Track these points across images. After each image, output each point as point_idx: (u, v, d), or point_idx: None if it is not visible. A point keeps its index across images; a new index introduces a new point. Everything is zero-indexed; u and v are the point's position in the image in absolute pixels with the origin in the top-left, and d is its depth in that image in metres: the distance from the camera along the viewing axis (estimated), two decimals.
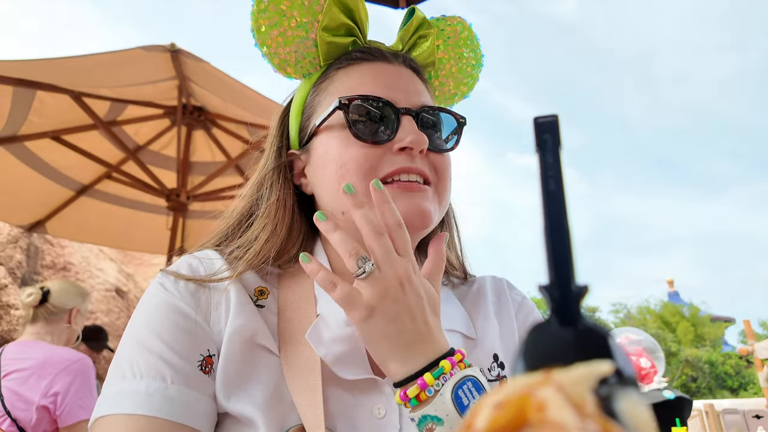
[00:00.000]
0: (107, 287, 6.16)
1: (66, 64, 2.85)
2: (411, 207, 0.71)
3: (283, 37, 0.79)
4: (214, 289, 0.72)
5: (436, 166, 0.77)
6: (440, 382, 0.59)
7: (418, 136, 0.73)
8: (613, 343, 0.21)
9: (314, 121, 0.80)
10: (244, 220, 0.81)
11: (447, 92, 0.93)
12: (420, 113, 0.77)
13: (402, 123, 0.74)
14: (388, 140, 0.74)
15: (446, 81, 0.92)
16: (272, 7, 0.78)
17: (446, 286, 0.88)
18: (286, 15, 0.79)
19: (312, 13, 0.79)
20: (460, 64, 0.91)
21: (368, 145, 0.73)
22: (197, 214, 3.94)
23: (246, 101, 3.07)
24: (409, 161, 0.73)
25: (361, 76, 0.79)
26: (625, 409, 0.18)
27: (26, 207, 3.71)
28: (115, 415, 0.61)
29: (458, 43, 0.90)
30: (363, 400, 0.69)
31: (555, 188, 0.28)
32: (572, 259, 0.24)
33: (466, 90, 0.94)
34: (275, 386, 0.67)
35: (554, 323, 0.23)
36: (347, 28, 0.81)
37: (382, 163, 0.73)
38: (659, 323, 30.56)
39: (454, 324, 0.80)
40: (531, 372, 0.20)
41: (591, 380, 0.18)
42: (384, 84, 0.77)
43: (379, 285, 0.61)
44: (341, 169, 0.73)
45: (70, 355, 2.31)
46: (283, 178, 0.81)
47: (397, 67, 0.81)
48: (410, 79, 0.81)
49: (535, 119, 0.33)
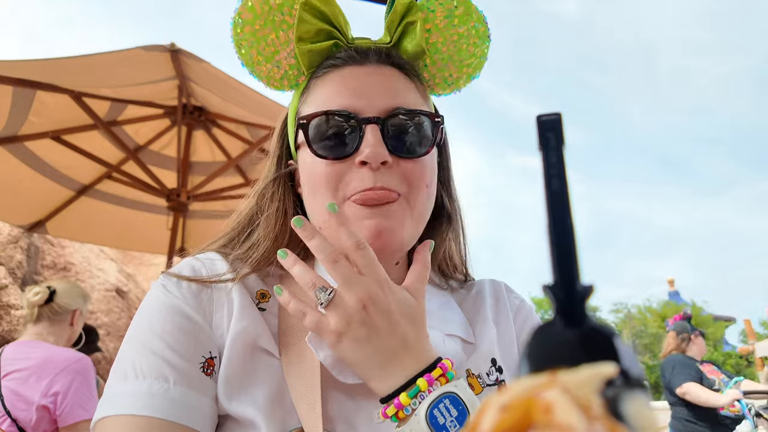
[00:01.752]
0: (107, 287, 6.16)
1: (66, 64, 2.84)
2: (372, 228, 0.70)
3: (262, 55, 0.80)
4: (216, 292, 0.73)
5: (407, 174, 0.73)
6: (416, 401, 0.60)
7: (374, 149, 0.69)
8: (619, 344, 0.21)
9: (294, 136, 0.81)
10: (246, 226, 0.82)
11: (448, 78, 0.85)
12: (387, 120, 0.72)
13: (365, 134, 0.71)
14: (353, 153, 0.72)
15: (445, 66, 0.83)
16: (247, 29, 0.78)
17: (445, 291, 0.88)
18: (260, 34, 0.78)
19: (287, 25, 0.78)
20: (458, 44, 0.82)
21: (331, 161, 0.73)
22: (197, 214, 3.94)
23: (246, 101, 3.06)
24: (373, 178, 0.70)
25: (331, 86, 0.76)
26: (632, 411, 0.18)
27: (27, 207, 3.71)
28: (118, 416, 0.61)
29: (452, 22, 0.80)
30: (362, 404, 0.69)
31: (558, 188, 0.27)
32: (577, 259, 0.24)
33: (471, 71, 0.85)
34: (276, 389, 0.67)
35: (559, 324, 0.22)
36: (326, 33, 0.79)
37: (347, 179, 0.72)
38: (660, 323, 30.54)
39: (452, 328, 0.80)
40: (536, 373, 0.20)
41: (597, 382, 0.18)
42: (350, 91, 0.74)
43: (340, 311, 0.63)
44: (312, 187, 0.75)
45: (71, 355, 2.31)
46: (284, 188, 0.82)
47: (368, 69, 0.77)
48: (382, 79, 0.76)
49: (538, 117, 0.32)
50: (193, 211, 3.82)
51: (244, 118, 3.30)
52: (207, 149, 3.78)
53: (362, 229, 0.70)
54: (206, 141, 3.72)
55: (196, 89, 3.22)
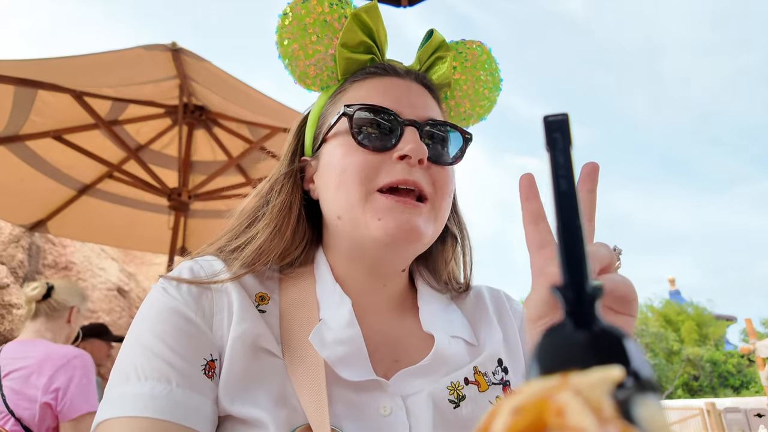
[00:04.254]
0: (109, 286, 6.16)
1: (67, 64, 2.84)
2: (402, 222, 0.72)
3: (303, 51, 0.83)
4: (216, 295, 0.73)
5: (435, 179, 0.77)
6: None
7: (417, 146, 0.74)
8: (629, 345, 0.21)
9: (324, 130, 0.82)
10: (249, 224, 0.82)
11: (462, 113, 0.94)
12: (424, 126, 0.78)
13: (405, 134, 0.76)
14: (390, 149, 0.75)
15: (462, 102, 0.93)
16: (296, 23, 0.82)
17: (445, 295, 0.89)
18: (308, 31, 0.82)
19: (333, 29, 0.83)
20: (477, 86, 0.92)
21: (369, 151, 0.75)
22: (199, 213, 3.94)
23: (247, 100, 3.06)
24: (407, 172, 0.74)
25: (371, 89, 0.81)
26: (644, 414, 0.18)
27: (28, 206, 3.72)
28: (120, 418, 0.61)
29: (476, 65, 0.92)
30: (368, 400, 0.70)
31: (567, 188, 0.27)
32: (585, 259, 0.24)
33: (482, 112, 0.95)
34: (280, 388, 0.67)
35: (569, 325, 0.22)
36: (366, 46, 0.84)
37: (380, 171, 0.74)
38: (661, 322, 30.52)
39: (456, 331, 0.82)
40: (547, 375, 0.20)
41: (608, 384, 0.18)
42: (392, 96, 0.79)
43: None
44: (342, 175, 0.75)
45: (69, 351, 2.32)
46: (293, 183, 0.83)
47: (407, 83, 0.83)
48: (419, 94, 0.82)
49: (545, 118, 0.32)
50: (195, 211, 3.82)
51: (245, 118, 3.30)
52: (208, 148, 3.78)
53: (394, 221, 0.72)
54: (207, 140, 3.72)
55: (197, 88, 3.22)
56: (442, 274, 0.90)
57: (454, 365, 0.76)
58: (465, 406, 0.73)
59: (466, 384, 0.75)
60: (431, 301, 0.85)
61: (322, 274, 0.80)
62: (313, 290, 0.78)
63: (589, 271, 0.23)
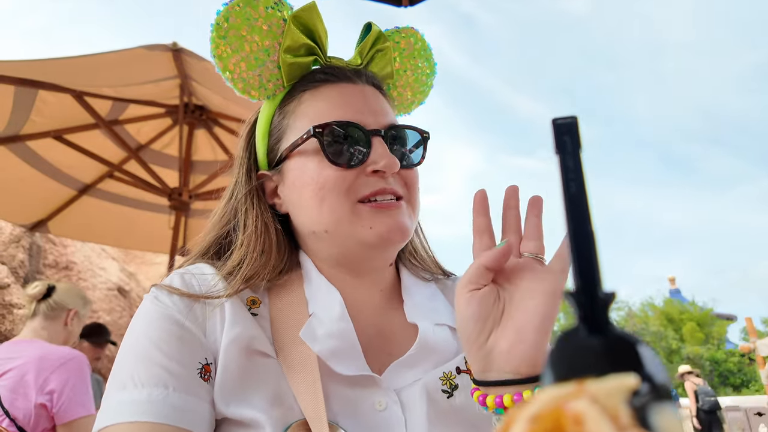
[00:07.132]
0: (109, 286, 6.16)
1: (68, 64, 2.84)
2: (391, 224, 0.76)
3: (245, 62, 0.81)
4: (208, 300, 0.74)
5: (406, 181, 0.81)
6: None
7: (390, 160, 0.76)
8: (644, 351, 0.21)
9: (284, 144, 0.83)
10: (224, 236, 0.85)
11: (405, 101, 0.98)
12: (388, 132, 0.80)
13: (373, 145, 0.77)
14: (361, 162, 0.77)
15: (404, 91, 0.97)
16: (232, 33, 0.80)
17: (431, 282, 0.91)
18: (247, 40, 0.80)
19: (272, 36, 0.82)
20: (416, 73, 0.97)
21: (342, 168, 0.76)
22: (199, 213, 3.93)
23: (247, 100, 3.05)
24: (383, 183, 0.77)
25: (329, 99, 0.81)
26: (660, 422, 0.18)
27: (28, 206, 3.71)
28: (118, 425, 0.61)
29: (413, 54, 0.96)
30: (362, 396, 0.71)
31: (577, 192, 0.27)
32: (598, 264, 0.24)
33: (422, 97, 1.00)
34: (275, 388, 0.68)
35: (583, 331, 0.22)
36: (307, 48, 0.84)
37: (357, 184, 0.77)
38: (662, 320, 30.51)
39: (441, 318, 0.83)
40: (561, 382, 0.20)
41: (624, 391, 0.18)
42: (352, 107, 0.80)
43: None
44: (321, 191, 0.76)
45: (65, 353, 2.31)
46: (258, 201, 0.84)
47: (361, 87, 0.84)
48: (375, 98, 0.84)
49: (554, 121, 0.32)
50: (195, 210, 3.82)
51: (246, 117, 3.28)
52: (208, 148, 3.77)
53: (384, 225, 0.75)
54: (208, 140, 3.71)
55: (197, 88, 3.22)
56: (426, 261, 0.93)
57: (441, 353, 0.78)
58: (458, 395, 0.74)
59: (458, 373, 0.77)
60: (416, 291, 0.86)
61: (309, 274, 0.81)
62: (301, 290, 0.80)
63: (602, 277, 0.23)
